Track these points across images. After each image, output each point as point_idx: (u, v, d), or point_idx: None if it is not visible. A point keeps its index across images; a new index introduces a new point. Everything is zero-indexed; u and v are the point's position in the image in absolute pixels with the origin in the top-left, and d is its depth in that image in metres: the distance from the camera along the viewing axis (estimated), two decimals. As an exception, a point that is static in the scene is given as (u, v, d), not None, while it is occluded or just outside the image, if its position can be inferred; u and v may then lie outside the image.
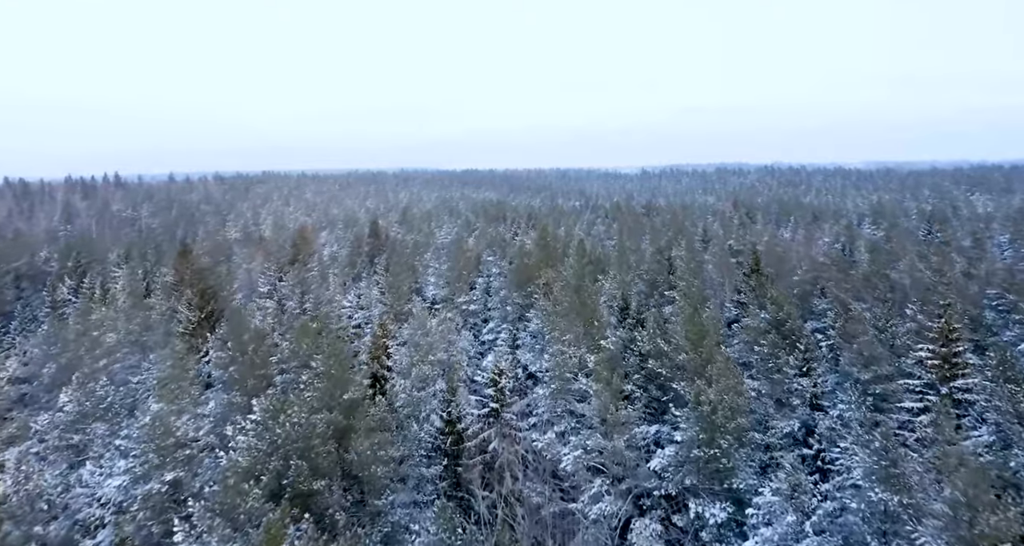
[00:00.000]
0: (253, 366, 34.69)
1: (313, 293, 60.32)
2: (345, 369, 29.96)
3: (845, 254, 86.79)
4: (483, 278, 64.23)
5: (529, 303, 48.31)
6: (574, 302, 37.50)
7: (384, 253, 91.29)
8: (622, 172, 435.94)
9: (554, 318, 37.29)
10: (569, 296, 38.59)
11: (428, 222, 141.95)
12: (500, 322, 50.64)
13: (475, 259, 78.80)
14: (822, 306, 47.22)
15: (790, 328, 38.86)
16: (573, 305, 37.31)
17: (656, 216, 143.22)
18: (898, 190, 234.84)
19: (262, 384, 34.21)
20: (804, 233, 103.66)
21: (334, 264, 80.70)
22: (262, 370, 35.38)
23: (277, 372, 36.42)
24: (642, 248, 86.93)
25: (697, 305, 38.05)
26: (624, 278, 49.72)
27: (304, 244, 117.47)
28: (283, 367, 36.79)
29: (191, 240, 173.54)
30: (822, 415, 33.12)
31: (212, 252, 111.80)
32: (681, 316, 36.64)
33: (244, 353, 35.10)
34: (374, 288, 55.23)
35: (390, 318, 48.26)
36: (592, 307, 36.93)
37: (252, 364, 34.92)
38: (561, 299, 38.67)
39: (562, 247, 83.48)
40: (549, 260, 54.67)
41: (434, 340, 41.19)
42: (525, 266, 50.02)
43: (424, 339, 40.72)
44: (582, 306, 36.87)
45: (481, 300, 56.40)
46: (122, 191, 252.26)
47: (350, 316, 56.19)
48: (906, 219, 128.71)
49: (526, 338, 45.32)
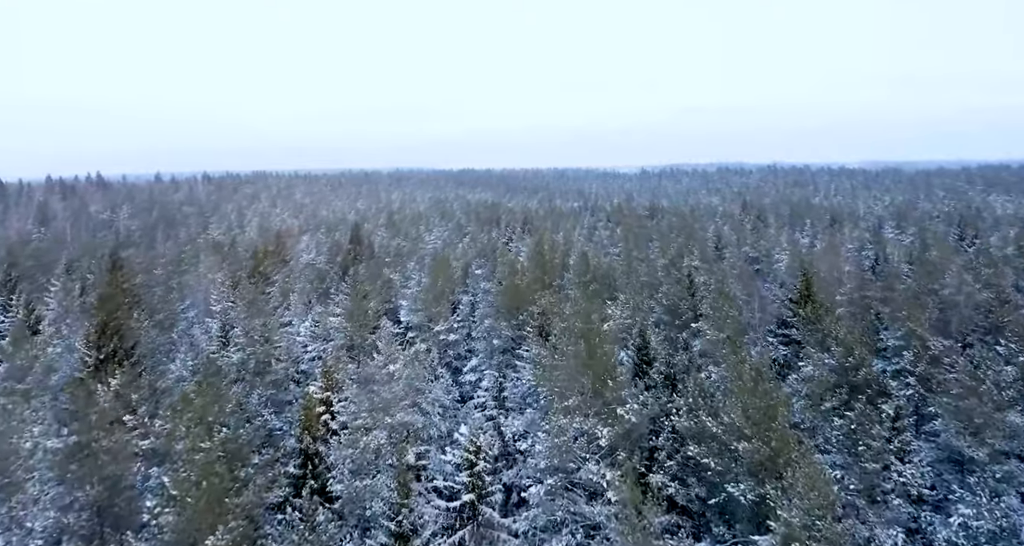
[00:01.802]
0: (99, 464, 23.98)
1: (266, 316, 50.53)
2: (243, 457, 20.20)
3: (877, 265, 77.29)
4: (469, 296, 54.50)
5: (521, 335, 38.82)
6: (577, 347, 27.90)
7: (363, 262, 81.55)
8: (621, 172, 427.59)
9: (551, 373, 27.60)
10: (570, 337, 28.84)
11: (417, 225, 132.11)
12: (485, 358, 40.91)
13: (462, 271, 69.10)
14: (890, 340, 37.42)
15: (865, 379, 29.10)
16: (576, 350, 27.71)
17: (661, 219, 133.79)
18: (909, 191, 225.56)
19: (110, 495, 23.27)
20: (827, 239, 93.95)
21: (301, 277, 70.81)
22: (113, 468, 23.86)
23: (139, 474, 25.78)
24: (651, 258, 77.34)
25: (739, 347, 28.37)
26: (637, 302, 40.04)
27: (278, 251, 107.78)
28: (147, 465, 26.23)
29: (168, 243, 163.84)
30: (930, 512, 23.38)
31: (172, 262, 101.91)
32: (729, 372, 26.96)
33: (88, 445, 24.03)
34: (337, 311, 45.30)
35: (345, 356, 38.49)
36: (602, 355, 27.26)
37: (98, 462, 24.13)
38: (561, 341, 28.96)
39: (560, 257, 73.75)
40: (545, 278, 45.12)
41: (397, 392, 31.45)
42: (516, 288, 40.46)
43: (384, 390, 30.94)
44: (589, 353, 27.23)
45: (465, 326, 46.74)
46: (103, 191, 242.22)
47: (305, 346, 46.35)
48: (931, 222, 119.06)
49: (515, 389, 35.69)
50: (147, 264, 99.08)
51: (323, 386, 31.13)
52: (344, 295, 50.82)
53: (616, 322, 38.51)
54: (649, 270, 67.99)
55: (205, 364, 34.93)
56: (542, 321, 36.57)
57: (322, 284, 65.70)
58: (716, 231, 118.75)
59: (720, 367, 35.23)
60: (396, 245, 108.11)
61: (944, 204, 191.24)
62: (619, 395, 26.46)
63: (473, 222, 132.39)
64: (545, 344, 31.44)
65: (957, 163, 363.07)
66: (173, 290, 69.62)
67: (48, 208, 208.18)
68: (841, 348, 30.47)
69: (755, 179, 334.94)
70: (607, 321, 41.97)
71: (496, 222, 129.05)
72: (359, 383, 30.93)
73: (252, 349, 38.43)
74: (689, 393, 26.71)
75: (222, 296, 60.33)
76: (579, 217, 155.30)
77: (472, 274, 65.10)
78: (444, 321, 44.58)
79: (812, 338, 33.34)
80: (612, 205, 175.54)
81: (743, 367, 27.13)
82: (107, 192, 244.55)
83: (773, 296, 64.59)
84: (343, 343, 42.36)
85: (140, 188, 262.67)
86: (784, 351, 36.30)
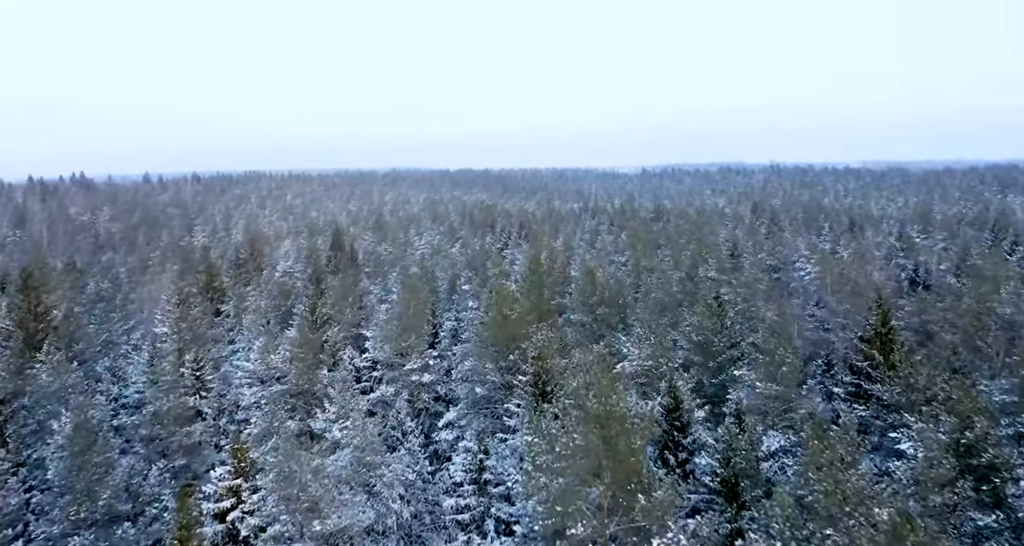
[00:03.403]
0: None
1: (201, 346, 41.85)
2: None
3: (917, 277, 68.60)
4: (453, 321, 45.79)
5: (510, 382, 30.21)
6: (585, 410, 19.02)
7: (341, 272, 72.72)
8: (621, 172, 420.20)
9: (549, 477, 18.52)
10: (578, 418, 19.72)
11: (406, 229, 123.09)
12: (467, 409, 31.98)
13: (449, 285, 60.45)
14: (994, 391, 28.44)
15: (990, 463, 20.40)
16: (587, 416, 18.82)
17: (667, 222, 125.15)
18: (922, 191, 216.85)
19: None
20: (852, 246, 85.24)
21: (265, 292, 61.75)
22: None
23: None
24: (662, 268, 68.66)
25: (823, 431, 19.58)
26: (659, 337, 31.17)
27: (254, 258, 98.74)
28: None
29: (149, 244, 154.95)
30: None
31: (136, 271, 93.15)
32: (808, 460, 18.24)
33: None
34: (283, 347, 36.02)
35: (283, 410, 29.67)
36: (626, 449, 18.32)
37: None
38: (565, 420, 20.00)
39: (560, 269, 65.02)
40: (543, 302, 36.42)
41: (338, 474, 22.71)
42: (506, 320, 31.66)
43: (314, 485, 22.11)
44: (605, 444, 18.30)
45: (445, 361, 37.91)
46: (85, 192, 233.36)
47: (250, 386, 37.35)
48: (959, 227, 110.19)
49: (501, 460, 27.03)
50: (103, 273, 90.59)
51: (233, 470, 22.40)
52: (303, 318, 42.00)
53: (635, 364, 29.94)
54: (662, 283, 59.35)
55: (84, 431, 26.09)
56: (538, 367, 27.96)
57: (286, 301, 56.77)
58: (728, 236, 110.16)
59: (777, 431, 26.51)
60: (382, 251, 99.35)
61: (962, 205, 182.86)
62: (652, 495, 17.64)
63: (467, 225, 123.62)
64: (540, 406, 22.92)
65: (961, 163, 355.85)
66: (119, 307, 60.82)
67: (27, 210, 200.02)
68: (953, 416, 21.77)
69: (758, 179, 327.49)
70: (621, 360, 33.32)
71: (491, 226, 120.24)
72: (279, 465, 22.13)
73: (165, 401, 29.68)
74: (765, 512, 17.96)
75: (166, 317, 51.49)
76: (579, 220, 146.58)
77: (460, 290, 56.37)
78: (418, 356, 35.76)
79: (901, 395, 24.66)
80: (614, 207, 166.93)
81: (826, 453, 18.47)
82: (89, 193, 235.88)
83: (806, 314, 55.91)
84: (287, 389, 33.62)
85: (124, 189, 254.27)
86: (860, 411, 27.37)
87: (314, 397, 32.41)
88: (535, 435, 18.81)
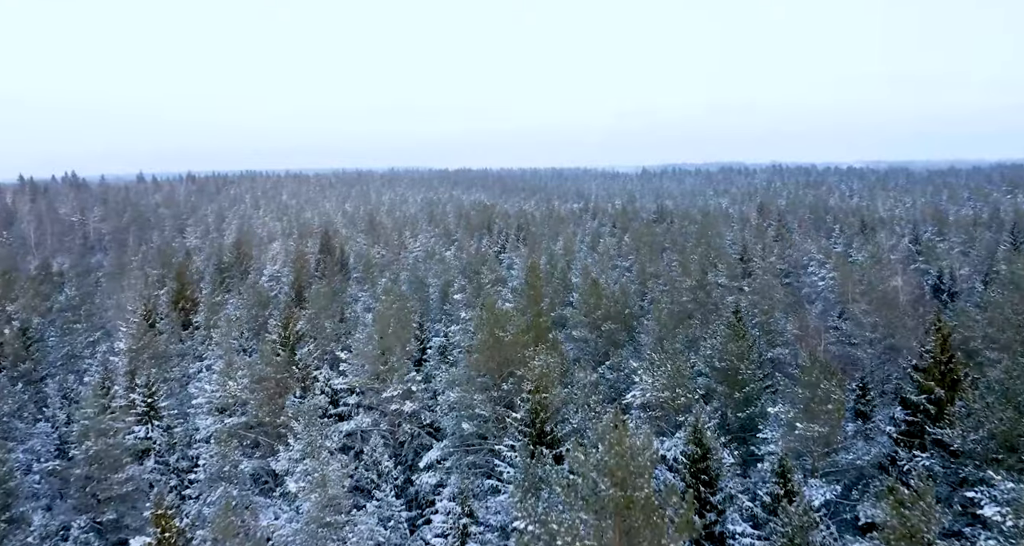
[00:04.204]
0: None
1: (175, 364, 37.46)
2: None
3: (942, 284, 64.25)
4: (441, 336, 41.44)
5: (502, 416, 25.76)
6: (599, 497, 14.69)
7: (327, 277, 68.32)
8: (620, 171, 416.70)
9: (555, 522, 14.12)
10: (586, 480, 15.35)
11: (400, 231, 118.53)
12: (452, 449, 27.43)
13: (440, 293, 56.22)
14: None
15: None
16: (601, 502, 14.61)
17: (671, 224, 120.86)
18: (930, 191, 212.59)
19: None
20: (868, 249, 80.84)
21: (242, 302, 57.26)
22: None
23: None
24: (670, 274, 64.37)
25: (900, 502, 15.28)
26: (676, 366, 26.45)
27: (241, 262, 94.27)
28: None
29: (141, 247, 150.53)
30: None
31: (111, 276, 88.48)
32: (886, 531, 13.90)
33: None
34: (240, 373, 31.18)
35: (235, 452, 25.26)
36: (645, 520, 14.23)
37: None
38: (570, 490, 15.62)
39: (560, 276, 60.67)
40: (540, 323, 31.98)
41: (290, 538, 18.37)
42: (499, 344, 27.10)
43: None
44: (620, 508, 14.18)
45: (433, 382, 33.41)
46: (76, 192, 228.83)
47: (207, 415, 32.91)
48: (975, 228, 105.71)
49: (489, 515, 22.76)
50: (82, 277, 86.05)
51: (157, 539, 18.01)
52: (273, 332, 37.53)
53: (648, 396, 25.59)
54: (671, 291, 55.11)
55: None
56: (535, 403, 23.54)
57: (264, 311, 52.33)
58: (734, 238, 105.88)
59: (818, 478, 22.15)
60: (374, 254, 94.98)
61: (971, 205, 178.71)
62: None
63: (463, 227, 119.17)
64: (538, 449, 18.62)
65: (964, 163, 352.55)
66: (84, 317, 56.41)
67: (16, 210, 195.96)
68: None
69: (761, 179, 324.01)
70: (628, 380, 28.98)
71: (488, 227, 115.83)
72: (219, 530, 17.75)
73: (98, 436, 25.22)
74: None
75: (130, 329, 47.08)
76: (580, 221, 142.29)
77: (451, 299, 52.02)
78: (399, 382, 31.19)
79: (976, 443, 20.26)
80: (615, 208, 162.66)
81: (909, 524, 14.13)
82: (80, 193, 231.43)
83: (828, 325, 51.56)
84: (246, 420, 29.17)
85: (116, 189, 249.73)
86: (924, 459, 22.79)
87: (278, 430, 28.05)
88: (527, 518, 14.49)
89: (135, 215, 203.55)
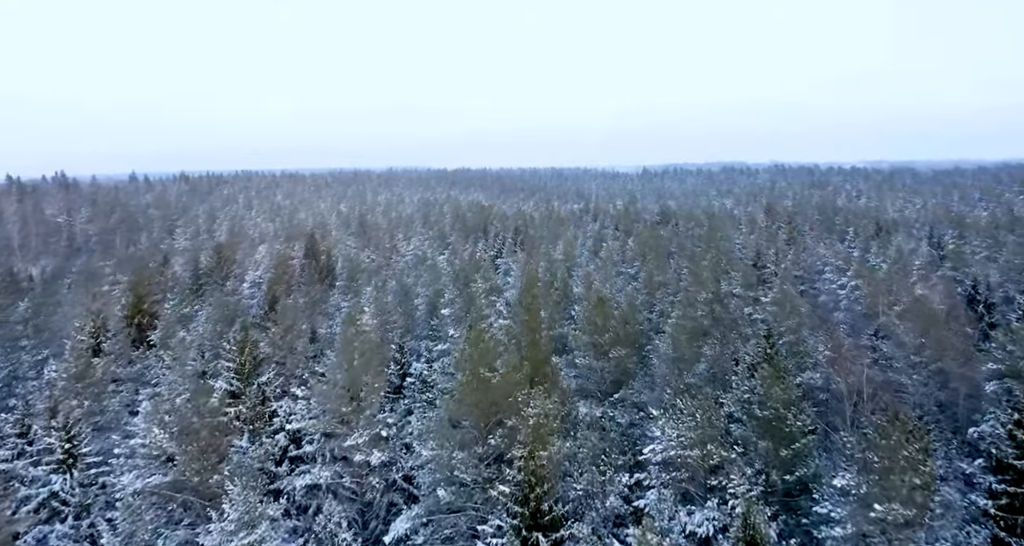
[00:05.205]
0: None
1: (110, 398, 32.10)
2: None
3: (977, 295, 58.89)
4: (421, 362, 36.08)
5: (490, 482, 20.53)
6: None
7: (308, 286, 62.99)
8: (621, 171, 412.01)
9: None
10: None
11: (392, 234, 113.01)
12: (425, 518, 22.11)
13: (427, 308, 50.96)
14: None
15: None
16: None
17: (676, 226, 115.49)
18: (939, 192, 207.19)
19: None
20: (889, 254, 75.46)
21: (211, 316, 51.74)
22: None
23: None
24: (680, 284, 59.09)
25: None
26: (706, 417, 20.89)
27: (222, 267, 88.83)
28: None
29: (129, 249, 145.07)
30: None
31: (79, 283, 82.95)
32: None
33: None
34: (168, 418, 25.49)
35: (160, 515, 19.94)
36: None
37: None
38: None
39: (561, 286, 55.30)
40: (538, 353, 26.60)
41: None
42: (486, 385, 21.76)
43: None
44: None
45: (411, 417, 27.96)
46: (64, 193, 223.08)
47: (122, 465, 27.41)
48: (997, 231, 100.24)
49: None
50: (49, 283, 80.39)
51: None
52: (227, 359, 32.12)
53: (672, 453, 20.34)
54: (683, 304, 49.77)
55: None
56: (528, 471, 18.15)
57: (229, 328, 46.86)
58: (744, 242, 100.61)
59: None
60: (363, 259, 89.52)
61: (984, 206, 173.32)
62: None
63: (457, 230, 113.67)
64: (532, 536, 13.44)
65: (968, 163, 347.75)
66: (32, 333, 50.93)
67: (2, 211, 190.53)
68: None
69: (764, 179, 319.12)
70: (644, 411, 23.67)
71: (484, 230, 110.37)
72: None
73: None
74: None
75: (75, 350, 41.61)
76: (580, 222, 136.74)
77: (440, 314, 46.62)
78: (366, 425, 25.71)
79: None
80: (617, 208, 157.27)
81: None
82: (69, 193, 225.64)
83: (860, 344, 46.15)
84: (173, 478, 23.72)
85: (106, 189, 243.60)
86: None
87: (212, 490, 22.71)
88: None
89: (124, 216, 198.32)
